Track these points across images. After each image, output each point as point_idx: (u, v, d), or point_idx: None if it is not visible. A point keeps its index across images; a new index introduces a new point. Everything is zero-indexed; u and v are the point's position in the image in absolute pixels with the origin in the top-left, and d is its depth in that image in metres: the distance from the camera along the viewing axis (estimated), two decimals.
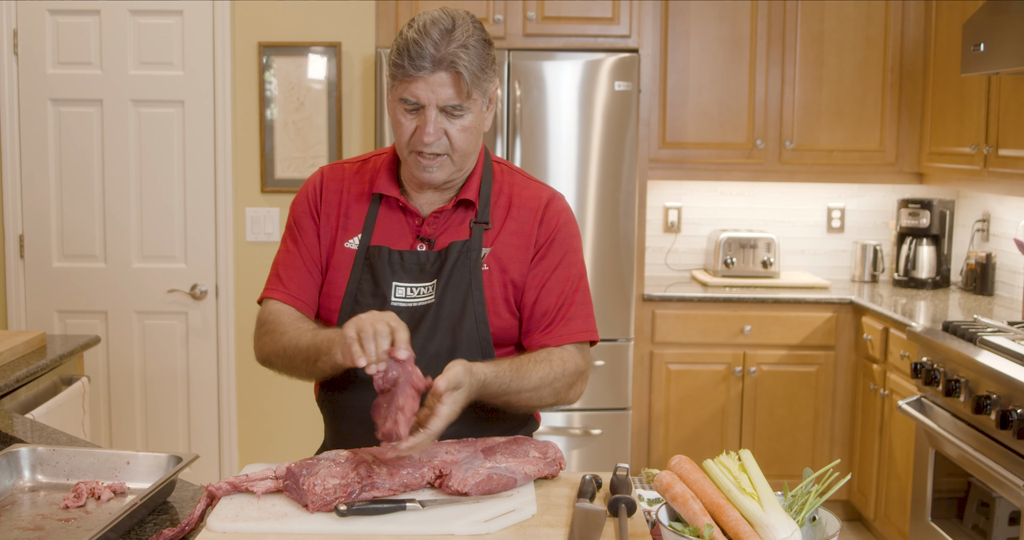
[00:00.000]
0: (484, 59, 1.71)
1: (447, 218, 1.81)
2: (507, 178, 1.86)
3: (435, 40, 1.66)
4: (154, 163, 4.07)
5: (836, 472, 1.50)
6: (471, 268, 1.76)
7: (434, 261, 1.78)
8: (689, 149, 4.34)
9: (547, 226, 1.82)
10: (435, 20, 1.68)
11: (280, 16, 4.08)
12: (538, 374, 1.71)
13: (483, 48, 1.71)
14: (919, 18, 4.25)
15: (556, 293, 1.80)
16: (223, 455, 4.20)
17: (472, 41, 1.68)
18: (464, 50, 1.67)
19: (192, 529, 1.48)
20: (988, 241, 4.24)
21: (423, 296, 1.77)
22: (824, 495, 1.44)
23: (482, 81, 1.71)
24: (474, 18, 1.74)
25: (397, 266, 1.78)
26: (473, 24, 1.72)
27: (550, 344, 1.79)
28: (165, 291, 4.11)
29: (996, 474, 2.71)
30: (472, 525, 1.43)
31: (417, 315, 1.76)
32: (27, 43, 3.99)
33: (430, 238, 1.79)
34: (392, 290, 1.77)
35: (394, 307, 1.76)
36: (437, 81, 1.67)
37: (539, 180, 1.90)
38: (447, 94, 1.68)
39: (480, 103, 1.73)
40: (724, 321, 4.11)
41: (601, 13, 3.98)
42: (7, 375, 2.60)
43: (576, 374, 1.79)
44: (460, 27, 1.69)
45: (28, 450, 1.72)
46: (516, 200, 1.83)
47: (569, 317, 1.80)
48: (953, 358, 3.05)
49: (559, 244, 1.82)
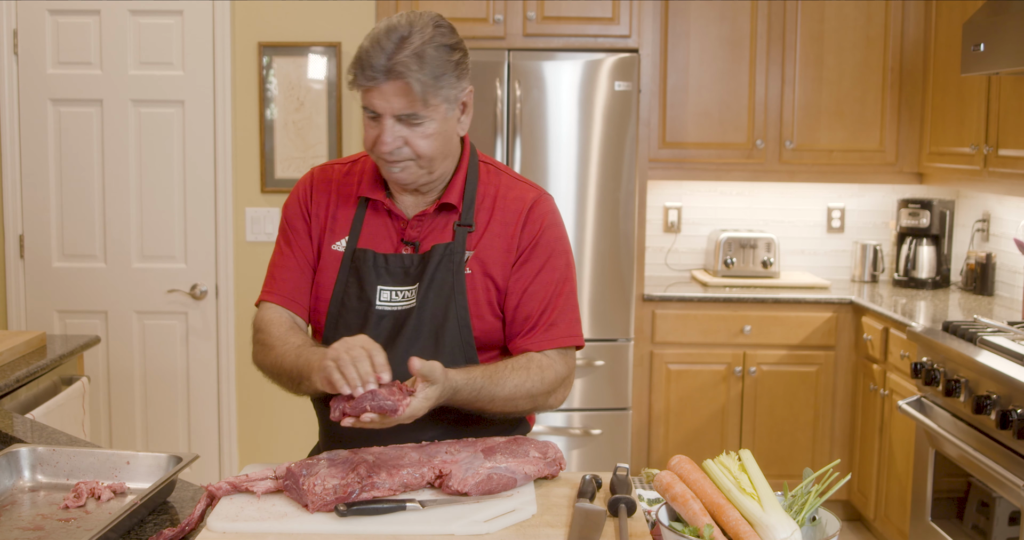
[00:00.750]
0: (442, 66, 1.67)
1: (430, 221, 1.79)
2: (494, 179, 1.84)
3: (387, 50, 1.64)
4: (154, 163, 4.07)
5: (836, 472, 1.50)
6: (454, 271, 1.75)
7: (418, 264, 1.77)
8: (689, 149, 4.34)
9: (530, 229, 1.80)
10: (391, 28, 1.66)
11: (280, 16, 4.08)
12: (512, 382, 1.70)
13: (443, 54, 1.67)
14: (919, 18, 4.25)
15: (539, 298, 1.78)
16: (223, 455, 4.20)
17: (429, 48, 1.65)
18: (416, 59, 1.64)
19: (192, 529, 1.48)
20: (988, 241, 4.24)
21: (407, 300, 1.76)
22: (824, 495, 1.44)
23: (440, 89, 1.67)
24: (440, 22, 1.71)
25: (382, 270, 1.77)
26: (436, 28, 1.68)
27: (531, 349, 1.77)
28: (165, 291, 4.11)
29: (996, 474, 2.71)
30: (472, 525, 1.43)
31: (400, 319, 1.75)
32: (27, 43, 3.99)
33: (414, 241, 1.79)
34: (376, 294, 1.76)
35: (378, 311, 1.76)
36: (390, 91, 1.65)
37: (528, 181, 1.88)
38: (400, 104, 1.66)
39: (443, 110, 1.70)
40: (724, 321, 4.11)
41: (601, 13, 3.98)
42: (7, 375, 2.60)
43: (557, 381, 1.77)
44: (417, 33, 1.65)
45: (28, 450, 1.72)
46: (501, 202, 1.81)
47: (552, 322, 1.78)
48: (953, 358, 3.05)
49: (542, 247, 1.80)
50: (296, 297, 1.84)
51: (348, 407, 1.51)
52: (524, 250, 1.79)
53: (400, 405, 1.51)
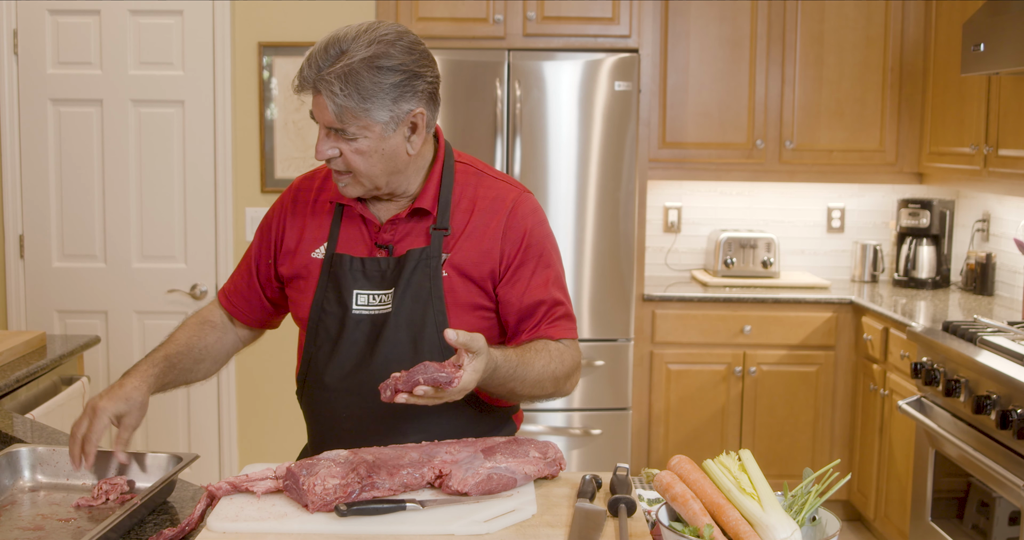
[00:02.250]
0: (373, 88, 1.62)
1: (403, 225, 1.78)
2: (472, 179, 1.82)
3: (318, 64, 1.63)
4: (154, 163, 4.07)
5: (836, 472, 1.50)
6: (431, 276, 1.74)
7: (394, 268, 1.76)
8: (689, 149, 4.34)
9: (516, 231, 1.78)
10: (331, 42, 1.64)
11: (280, 16, 4.08)
12: (540, 362, 1.71)
13: (379, 75, 1.62)
14: (919, 18, 4.25)
15: (538, 296, 1.78)
16: (223, 455, 4.20)
17: (363, 68, 1.61)
18: (341, 79, 1.61)
19: (192, 529, 1.48)
20: (988, 241, 4.24)
21: (384, 304, 1.75)
22: (824, 495, 1.44)
23: (368, 111, 1.63)
24: (395, 39, 1.65)
25: (358, 273, 1.76)
26: (383, 45, 1.63)
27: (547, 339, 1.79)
28: (165, 291, 4.11)
29: (996, 474, 2.71)
30: (472, 525, 1.43)
31: (378, 323, 1.75)
32: (27, 43, 3.99)
33: (388, 244, 1.78)
34: (353, 298, 1.76)
35: (355, 315, 1.76)
36: (320, 103, 1.66)
37: (508, 178, 1.86)
38: (327, 118, 1.66)
39: (378, 130, 1.66)
40: (724, 321, 4.11)
41: (601, 13, 3.98)
42: (7, 375, 2.60)
43: (573, 365, 1.79)
44: (357, 50, 1.62)
45: (28, 450, 1.72)
46: (480, 203, 1.79)
47: (556, 316, 1.79)
48: (953, 358, 3.05)
49: (534, 248, 1.79)
50: (240, 305, 1.95)
51: (401, 382, 1.50)
52: (515, 255, 1.78)
53: (454, 377, 1.50)
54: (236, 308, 1.96)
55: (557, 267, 1.82)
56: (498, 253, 1.77)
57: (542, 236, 1.81)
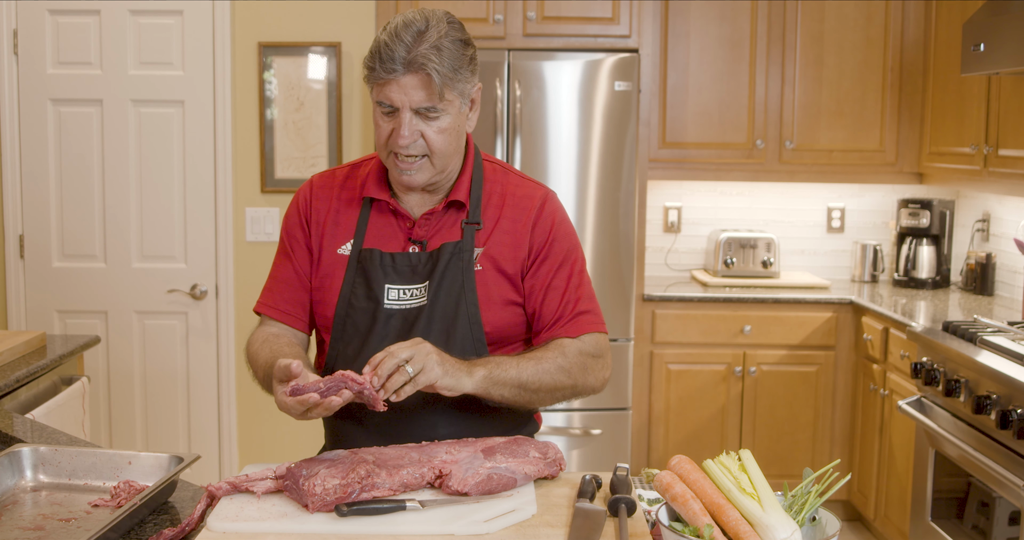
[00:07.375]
0: (459, 59, 1.69)
1: (438, 220, 1.80)
2: (500, 177, 1.86)
3: (406, 42, 1.65)
4: (154, 163, 4.07)
5: (836, 472, 1.50)
6: (464, 269, 1.76)
7: (426, 262, 1.77)
8: (689, 149, 4.34)
9: (543, 227, 1.82)
10: (408, 22, 1.68)
11: (280, 16, 4.08)
12: (551, 358, 1.73)
13: (459, 49, 1.70)
14: (919, 18, 4.25)
15: (562, 291, 1.81)
16: (223, 455, 4.20)
17: (446, 42, 1.67)
18: (435, 52, 1.66)
19: (192, 529, 1.48)
20: (988, 241, 4.24)
21: (416, 298, 1.77)
22: (824, 495, 1.44)
23: (457, 82, 1.69)
24: (451, 18, 1.73)
25: (389, 268, 1.77)
26: (449, 24, 1.71)
27: (562, 337, 1.81)
28: (165, 291, 4.11)
29: (996, 474, 2.71)
30: (472, 525, 1.43)
31: (410, 317, 1.76)
32: (27, 43, 3.99)
33: (422, 240, 1.79)
34: (385, 292, 1.77)
35: (387, 309, 1.76)
36: (409, 83, 1.66)
37: (532, 179, 1.90)
38: (419, 96, 1.67)
39: (457, 104, 1.72)
40: (724, 321, 4.11)
41: (601, 13, 3.98)
42: (7, 375, 2.60)
43: (592, 356, 1.81)
44: (434, 28, 1.68)
45: (30, 450, 1.72)
46: (510, 199, 1.83)
47: (578, 311, 1.82)
48: (953, 358, 3.05)
49: (559, 244, 1.83)
50: (294, 311, 1.85)
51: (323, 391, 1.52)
52: (541, 248, 1.81)
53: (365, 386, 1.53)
54: (292, 317, 1.86)
55: (581, 262, 1.86)
56: (527, 247, 1.81)
57: (566, 233, 1.85)
